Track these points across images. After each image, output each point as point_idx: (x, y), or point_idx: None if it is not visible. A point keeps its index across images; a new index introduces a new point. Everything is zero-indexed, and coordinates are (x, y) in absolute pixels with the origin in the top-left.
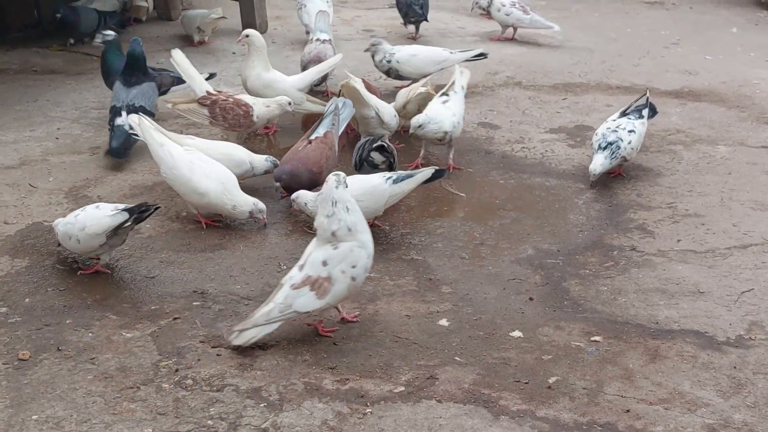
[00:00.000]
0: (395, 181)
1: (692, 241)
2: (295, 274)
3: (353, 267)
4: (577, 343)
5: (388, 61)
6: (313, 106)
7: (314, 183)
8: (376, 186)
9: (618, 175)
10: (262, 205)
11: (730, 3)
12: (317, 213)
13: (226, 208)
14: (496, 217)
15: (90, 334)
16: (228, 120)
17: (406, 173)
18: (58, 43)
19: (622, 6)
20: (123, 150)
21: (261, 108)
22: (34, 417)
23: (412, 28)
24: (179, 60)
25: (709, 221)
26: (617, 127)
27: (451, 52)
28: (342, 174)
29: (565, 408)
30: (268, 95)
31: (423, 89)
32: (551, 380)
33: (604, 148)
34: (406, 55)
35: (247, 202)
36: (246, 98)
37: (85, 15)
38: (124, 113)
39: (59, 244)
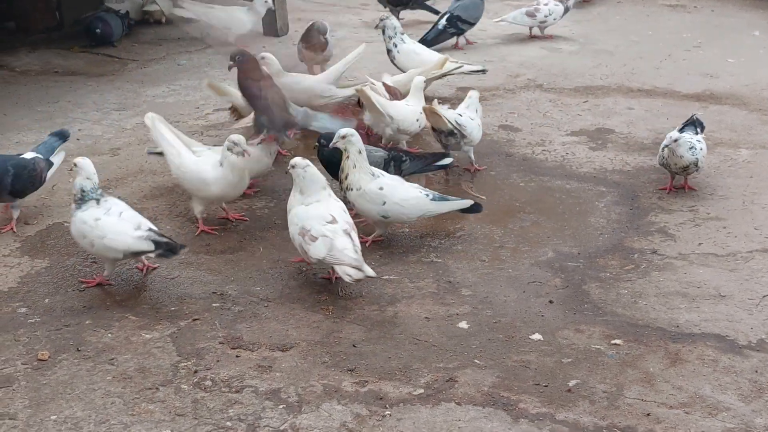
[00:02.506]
0: (434, 200)
1: (713, 245)
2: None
3: None
4: (598, 347)
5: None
6: (345, 91)
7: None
8: (420, 198)
9: (682, 188)
10: (234, 137)
11: (753, 6)
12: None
13: (232, 183)
14: (517, 220)
15: (109, 335)
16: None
17: (443, 196)
18: (79, 45)
19: (644, 9)
20: (429, 42)
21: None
22: (53, 417)
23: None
24: (216, 84)
25: (731, 224)
26: (680, 137)
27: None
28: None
29: (584, 411)
30: (295, 99)
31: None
32: (571, 383)
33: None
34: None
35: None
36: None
37: (113, 22)
38: (444, 18)
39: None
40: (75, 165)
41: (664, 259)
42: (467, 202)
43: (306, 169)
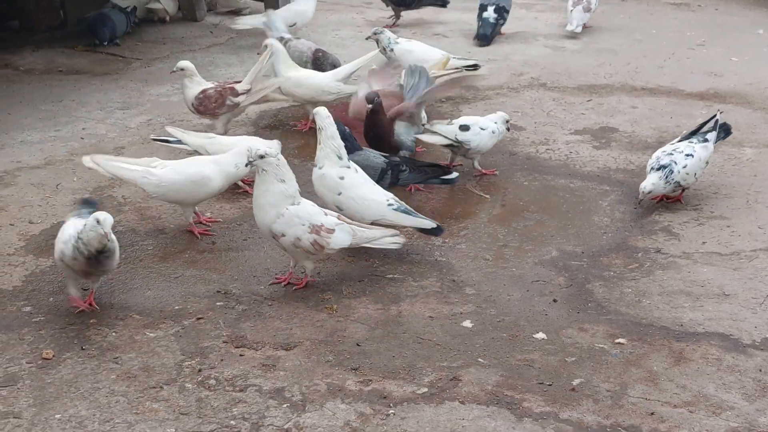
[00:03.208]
0: (396, 210)
1: (717, 244)
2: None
3: None
4: (601, 345)
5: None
6: (352, 87)
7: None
8: (379, 203)
9: (677, 201)
10: (256, 146)
11: (757, 4)
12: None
13: (232, 173)
14: (520, 219)
15: (113, 334)
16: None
17: (410, 210)
18: (83, 44)
19: (648, 7)
20: (490, 37)
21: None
22: (57, 416)
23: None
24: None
25: (735, 223)
26: (674, 150)
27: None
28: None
29: (588, 410)
30: (303, 94)
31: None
32: (575, 382)
33: (657, 170)
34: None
35: (240, 153)
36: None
37: (116, 18)
38: (490, 9)
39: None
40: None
41: (668, 258)
42: (430, 224)
43: (279, 157)
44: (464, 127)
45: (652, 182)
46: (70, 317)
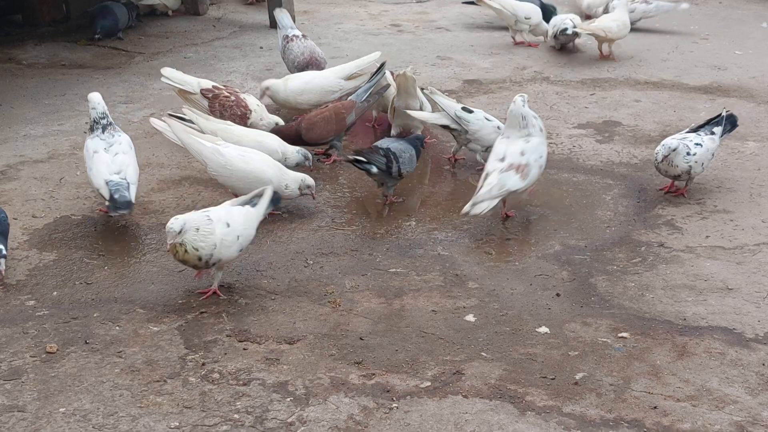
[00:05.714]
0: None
1: (721, 237)
2: (497, 165)
3: (541, 156)
4: (604, 340)
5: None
6: (353, 83)
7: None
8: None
9: (680, 194)
10: (310, 181)
11: None
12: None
13: (281, 191)
14: (523, 213)
15: (117, 328)
16: (225, 117)
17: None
18: (86, 38)
19: None
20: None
21: (256, 118)
22: (62, 410)
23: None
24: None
25: (738, 217)
26: (683, 138)
27: None
28: (525, 95)
29: (591, 404)
30: (308, 99)
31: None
32: (578, 376)
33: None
34: None
35: (295, 180)
36: (251, 102)
37: (119, 12)
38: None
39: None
40: None
41: (671, 252)
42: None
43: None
44: (468, 110)
45: (677, 140)
46: (73, 311)
